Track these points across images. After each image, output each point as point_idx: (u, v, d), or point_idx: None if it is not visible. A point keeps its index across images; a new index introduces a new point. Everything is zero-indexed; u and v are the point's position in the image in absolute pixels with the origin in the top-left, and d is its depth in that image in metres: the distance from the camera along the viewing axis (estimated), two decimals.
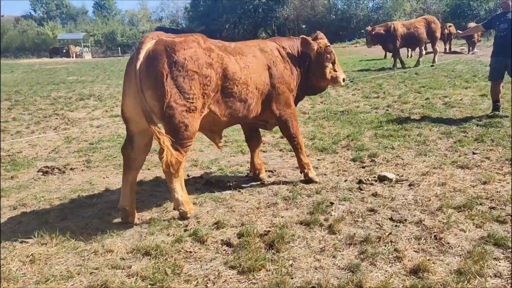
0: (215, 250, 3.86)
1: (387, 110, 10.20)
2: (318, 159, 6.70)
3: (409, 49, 21.21)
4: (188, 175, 6.14)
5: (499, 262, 3.45)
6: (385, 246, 3.76)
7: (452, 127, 8.04)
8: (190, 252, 3.83)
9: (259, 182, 5.67)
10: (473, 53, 23.42)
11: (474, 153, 6.52)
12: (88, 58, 54.37)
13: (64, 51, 54.07)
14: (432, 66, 17.16)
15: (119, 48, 67.00)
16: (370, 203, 4.77)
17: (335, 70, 5.75)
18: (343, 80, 5.86)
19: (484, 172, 5.64)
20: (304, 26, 57.65)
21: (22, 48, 65.16)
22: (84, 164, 7.01)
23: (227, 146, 7.71)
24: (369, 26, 18.01)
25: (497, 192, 4.89)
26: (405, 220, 4.27)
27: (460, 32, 12.12)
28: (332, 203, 4.76)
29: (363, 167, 6.17)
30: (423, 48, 17.77)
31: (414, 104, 10.48)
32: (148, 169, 6.59)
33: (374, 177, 5.59)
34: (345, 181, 5.61)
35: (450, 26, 28.01)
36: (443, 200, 4.71)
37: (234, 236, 4.07)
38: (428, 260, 3.47)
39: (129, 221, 4.50)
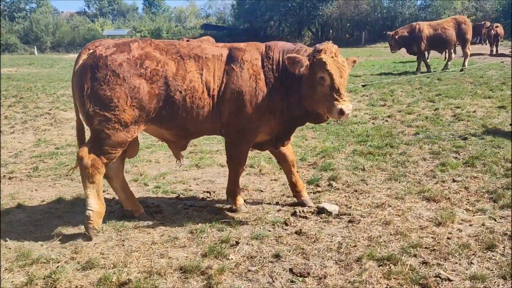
0: None
1: (387, 121, 9.16)
2: (271, 180, 5.92)
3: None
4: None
5: None
6: None
7: (446, 146, 6.97)
8: None
9: (226, 206, 5.00)
10: None
11: (454, 181, 5.51)
12: None
13: None
14: (461, 70, 15.64)
15: None
16: (284, 244, 3.97)
17: (334, 97, 3.99)
18: (341, 112, 3.92)
19: (450, 208, 4.67)
20: (348, 24, 55.87)
21: (73, 44, 67.59)
22: (28, 172, 6.60)
23: (188, 158, 7.06)
24: (390, 31, 16.55)
25: (446, 239, 3.94)
26: (308, 273, 3.44)
27: None
28: (237, 243, 3.99)
29: (314, 193, 5.34)
30: (452, 51, 16.25)
31: (418, 115, 9.36)
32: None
33: (314, 208, 4.76)
34: (278, 211, 4.82)
35: (497, 26, 25.92)
36: (371, 246, 3.83)
37: (91, 283, 3.42)
38: None
39: (135, 217, 4.66)
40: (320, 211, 4.66)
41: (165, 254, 3.84)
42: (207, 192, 5.51)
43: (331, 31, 57.97)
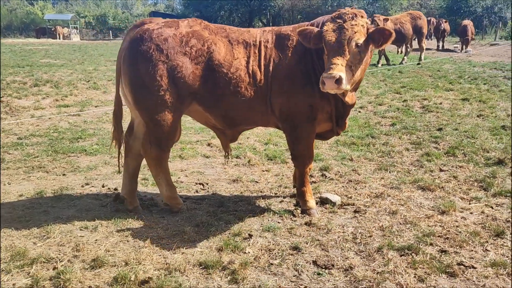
0: None
1: (360, 111, 9.29)
2: (263, 170, 5.80)
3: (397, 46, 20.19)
4: (103, 186, 5.22)
5: None
6: None
7: (424, 136, 7.16)
8: None
9: (227, 197, 4.79)
10: (466, 52, 22.48)
11: (441, 170, 5.65)
12: (76, 40, 52.73)
13: (53, 32, 52.45)
14: (418, 64, 16.21)
15: (110, 31, 65.35)
16: (298, 236, 3.88)
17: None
18: (321, 82, 3.43)
19: (447, 196, 4.77)
20: (299, 16, 56.32)
21: (10, 27, 63.42)
22: None
23: None
24: None
25: (454, 227, 4.01)
26: (332, 265, 3.38)
27: None
28: (251, 235, 3.86)
29: (310, 183, 5.27)
30: (409, 45, 16.80)
31: (389, 106, 9.57)
32: None
33: (317, 198, 4.70)
34: (281, 202, 4.72)
35: (445, 22, 27.02)
36: (387, 236, 3.83)
37: (106, 282, 3.16)
38: None
39: (128, 209, 4.42)
40: (324, 201, 4.61)
41: (178, 249, 3.62)
42: (200, 184, 5.30)
43: (282, 22, 58.20)
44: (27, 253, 3.50)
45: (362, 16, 3.61)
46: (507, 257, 3.47)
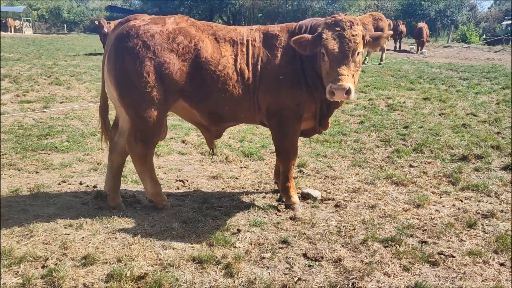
0: None
1: None
2: (241, 167, 5.87)
3: None
4: (80, 183, 5.13)
5: None
6: None
7: (392, 133, 7.46)
8: None
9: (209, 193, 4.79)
10: (421, 53, 23.42)
11: (411, 166, 5.93)
12: (29, 33, 50.52)
13: (4, 24, 50.00)
14: (379, 64, 16.76)
15: (65, 25, 63.13)
16: (285, 230, 3.98)
17: (331, 75, 3.64)
18: (331, 92, 3.55)
19: (419, 190, 5.03)
20: (260, 15, 56.57)
21: None
22: None
23: None
24: None
25: (430, 219, 4.25)
26: (322, 257, 3.51)
27: None
28: (239, 230, 3.92)
29: None
30: None
31: (356, 105, 9.87)
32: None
33: (298, 193, 4.82)
34: (264, 197, 4.81)
35: (403, 23, 27.98)
36: (369, 229, 4.00)
37: (100, 279, 3.14)
38: None
39: (111, 206, 4.38)
40: (305, 196, 4.74)
41: (168, 245, 3.64)
42: (180, 180, 5.31)
43: (243, 20, 58.25)
44: (13, 252, 3.41)
45: (357, 24, 3.74)
46: (481, 246, 3.72)
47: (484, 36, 35.93)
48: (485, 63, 18.63)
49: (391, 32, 4.40)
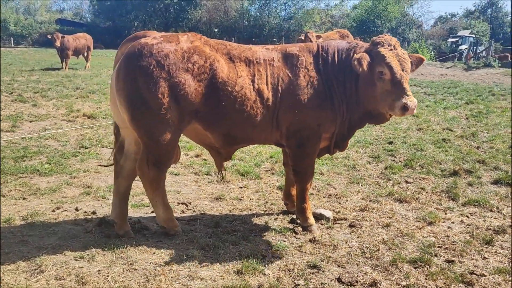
0: None
1: None
2: (241, 187, 5.72)
3: None
4: (76, 209, 4.79)
5: None
6: None
7: (378, 149, 7.56)
8: None
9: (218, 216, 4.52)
10: None
11: (407, 182, 6.00)
12: None
13: None
14: None
15: (11, 38, 60.44)
16: (309, 254, 3.87)
17: (397, 92, 3.76)
18: (405, 108, 3.68)
19: (424, 207, 5.07)
20: (216, 30, 56.70)
21: None
22: None
23: None
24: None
25: (446, 236, 4.28)
26: (357, 281, 3.42)
27: None
28: (264, 256, 3.77)
29: None
30: None
31: None
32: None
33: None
34: (275, 219, 4.69)
35: (360, 39, 28.92)
36: (393, 249, 3.97)
37: None
38: None
39: (119, 234, 4.12)
40: (318, 217, 4.65)
41: (194, 275, 3.43)
42: (183, 203, 5.09)
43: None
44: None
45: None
46: (506, 264, 3.76)
47: (432, 53, 37.74)
48: (441, 78, 19.48)
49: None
